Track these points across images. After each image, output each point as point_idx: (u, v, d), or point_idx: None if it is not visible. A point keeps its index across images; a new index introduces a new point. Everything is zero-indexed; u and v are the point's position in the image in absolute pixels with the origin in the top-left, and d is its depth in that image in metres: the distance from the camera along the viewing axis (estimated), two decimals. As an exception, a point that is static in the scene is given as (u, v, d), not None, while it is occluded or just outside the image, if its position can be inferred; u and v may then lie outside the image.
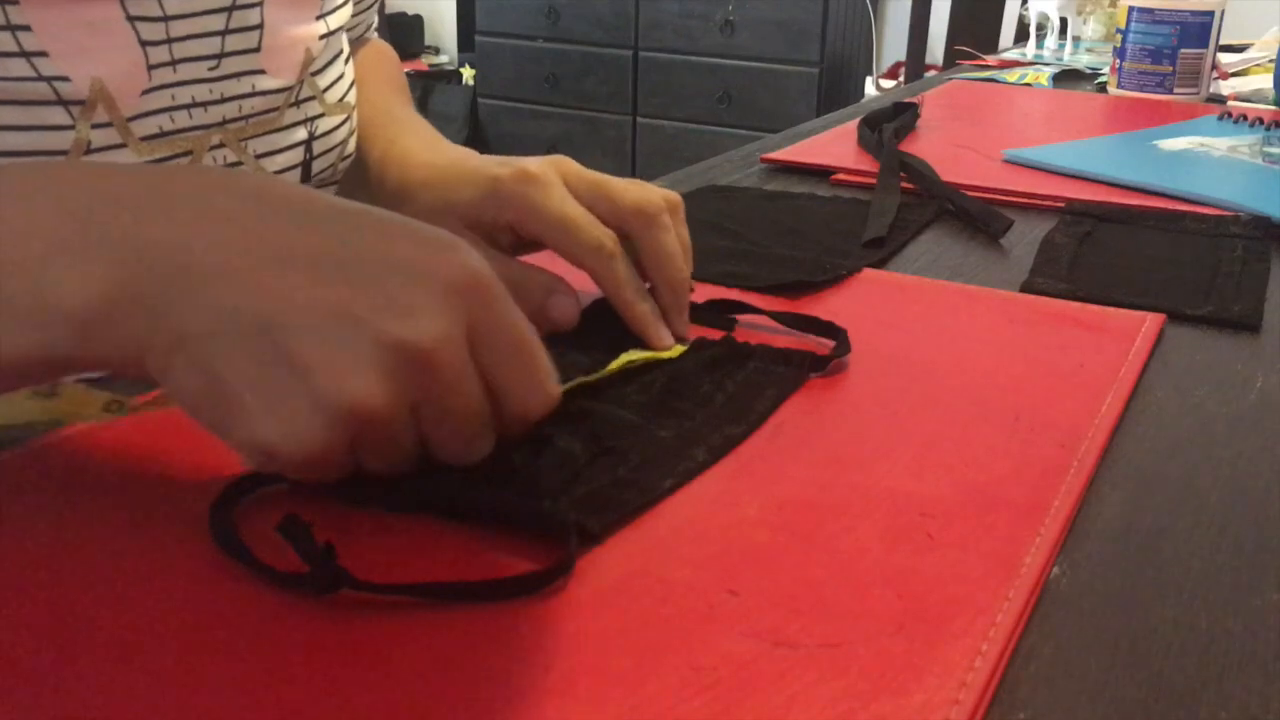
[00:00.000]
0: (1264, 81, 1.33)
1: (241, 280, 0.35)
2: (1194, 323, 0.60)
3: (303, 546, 0.34)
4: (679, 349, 0.51)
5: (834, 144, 0.97)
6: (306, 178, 0.64)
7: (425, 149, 0.62)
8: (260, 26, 0.59)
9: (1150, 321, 0.58)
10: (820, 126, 1.05)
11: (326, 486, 0.39)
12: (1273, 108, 1.22)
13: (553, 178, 0.52)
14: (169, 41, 0.54)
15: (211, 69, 0.57)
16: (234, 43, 0.57)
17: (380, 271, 0.36)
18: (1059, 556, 0.38)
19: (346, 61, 0.68)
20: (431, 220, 0.49)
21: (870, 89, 3.13)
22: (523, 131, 3.61)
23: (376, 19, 0.85)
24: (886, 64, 3.30)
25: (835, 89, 3.16)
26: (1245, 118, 1.07)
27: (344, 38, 0.68)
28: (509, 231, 0.53)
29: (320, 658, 0.32)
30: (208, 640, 0.32)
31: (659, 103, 3.35)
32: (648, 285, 0.53)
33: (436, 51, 4.13)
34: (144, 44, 0.53)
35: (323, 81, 0.64)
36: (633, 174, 3.37)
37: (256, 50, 0.59)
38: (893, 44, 3.29)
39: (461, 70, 3.85)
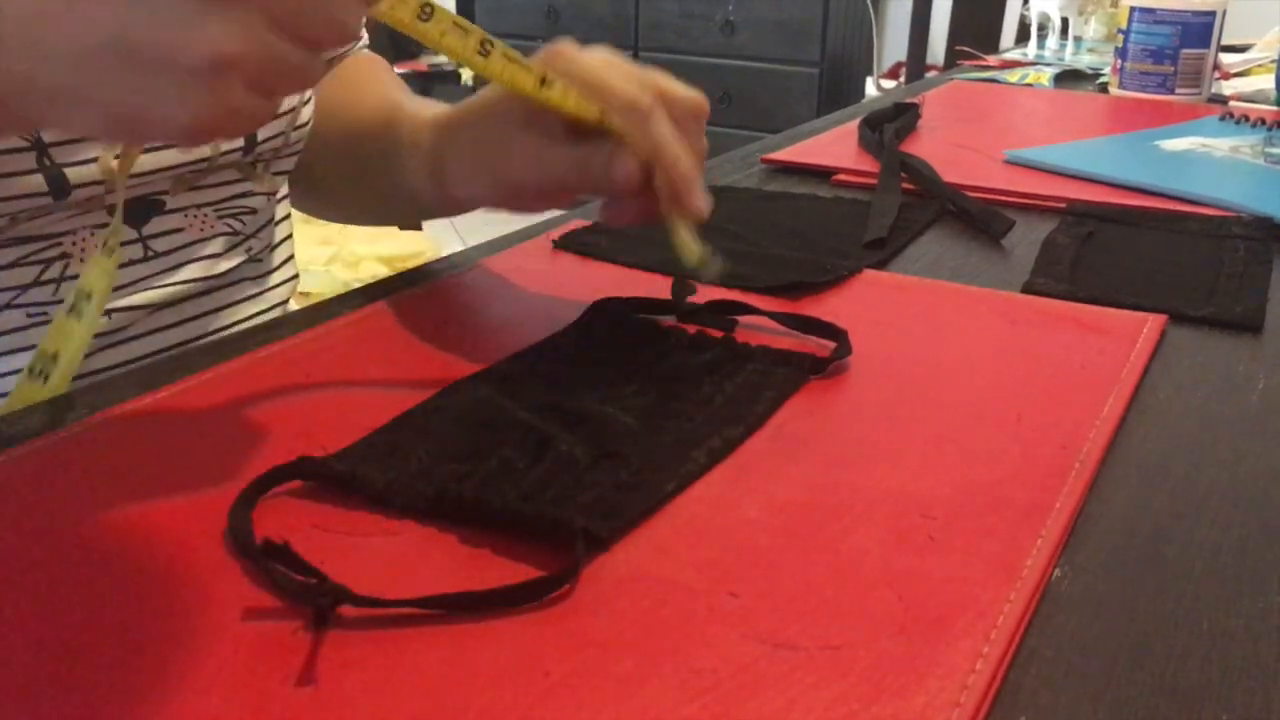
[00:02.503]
0: (1266, 82, 1.33)
1: (68, 17, 0.37)
2: (1196, 323, 0.60)
3: (294, 567, 0.34)
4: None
5: (835, 144, 0.97)
6: (251, 144, 0.65)
7: (433, 107, 0.63)
8: None
9: (1152, 322, 0.58)
10: (821, 127, 1.05)
11: (337, 484, 0.39)
12: (1274, 108, 1.22)
13: (571, 47, 0.52)
14: None
15: None
16: None
17: None
18: (1061, 558, 0.38)
19: None
20: (493, 134, 0.56)
21: (871, 89, 3.13)
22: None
23: (365, 34, 0.85)
24: (887, 64, 3.30)
25: (836, 89, 3.16)
26: (1247, 118, 1.07)
27: None
28: (555, 105, 0.52)
29: (322, 661, 0.32)
30: (212, 645, 0.32)
31: (660, 103, 3.35)
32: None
33: (436, 52, 4.12)
34: None
35: None
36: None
37: None
38: (893, 44, 3.29)
39: (460, 71, 3.85)
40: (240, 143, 0.64)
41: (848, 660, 0.32)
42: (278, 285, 0.73)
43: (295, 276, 0.76)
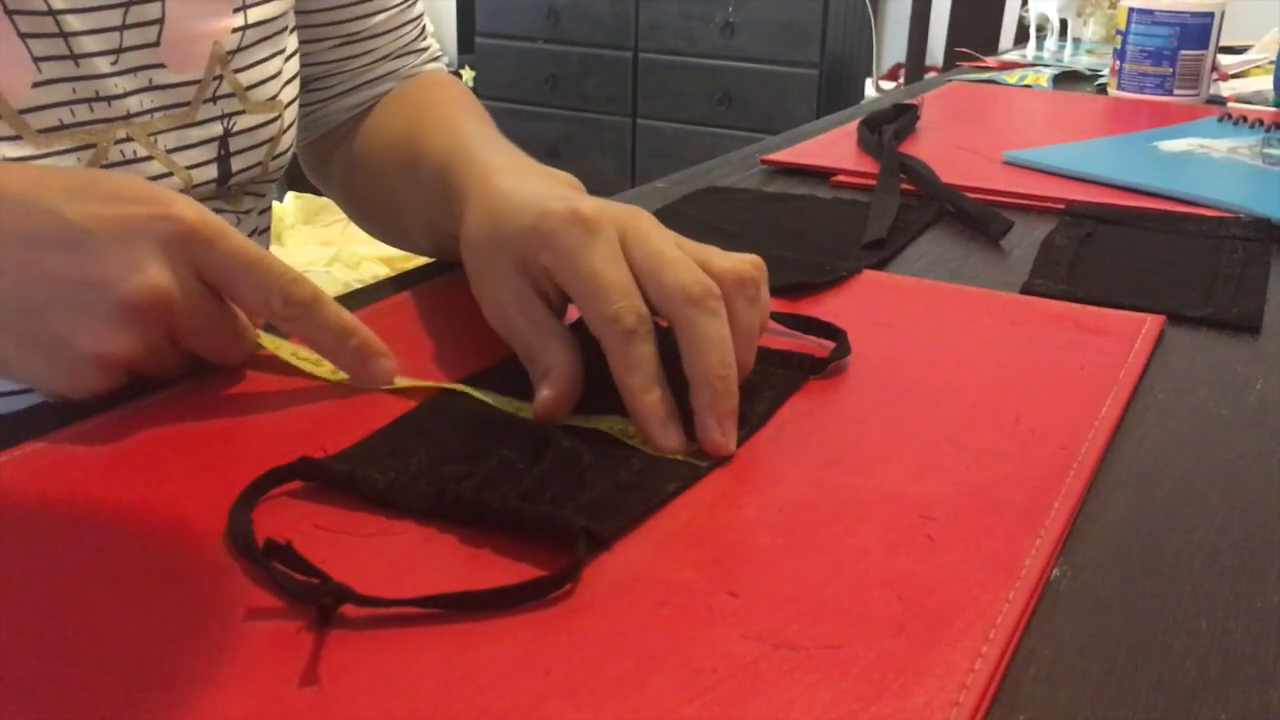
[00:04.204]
0: (1264, 83, 1.33)
1: (3, 266, 0.43)
2: (1194, 324, 0.60)
3: (295, 567, 0.34)
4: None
5: (834, 145, 0.97)
6: (226, 175, 0.63)
7: (495, 172, 0.54)
8: (160, 21, 0.58)
9: (1150, 323, 0.58)
10: (820, 128, 1.05)
11: (338, 485, 0.39)
12: (1273, 109, 1.22)
13: (606, 227, 0.45)
14: (63, 35, 0.54)
15: (113, 64, 0.56)
16: (132, 37, 0.57)
17: (111, 237, 0.44)
18: (1059, 558, 0.38)
19: (288, 59, 0.67)
20: (481, 256, 0.50)
21: (870, 90, 3.13)
22: (523, 133, 3.61)
23: (432, 42, 0.80)
24: (886, 65, 3.30)
25: (835, 90, 3.16)
26: (1245, 119, 1.07)
27: (288, 37, 0.67)
28: (547, 277, 0.46)
29: (324, 661, 0.32)
30: (215, 645, 0.32)
31: (659, 104, 3.35)
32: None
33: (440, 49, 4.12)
34: (23, 36, 0.53)
35: (247, 78, 0.63)
36: (632, 176, 3.38)
37: (155, 44, 0.58)
38: (892, 45, 3.29)
39: (461, 71, 3.84)
40: (214, 174, 0.62)
41: (847, 660, 0.32)
42: None
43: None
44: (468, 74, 3.78)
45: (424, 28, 0.80)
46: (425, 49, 0.80)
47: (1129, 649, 0.34)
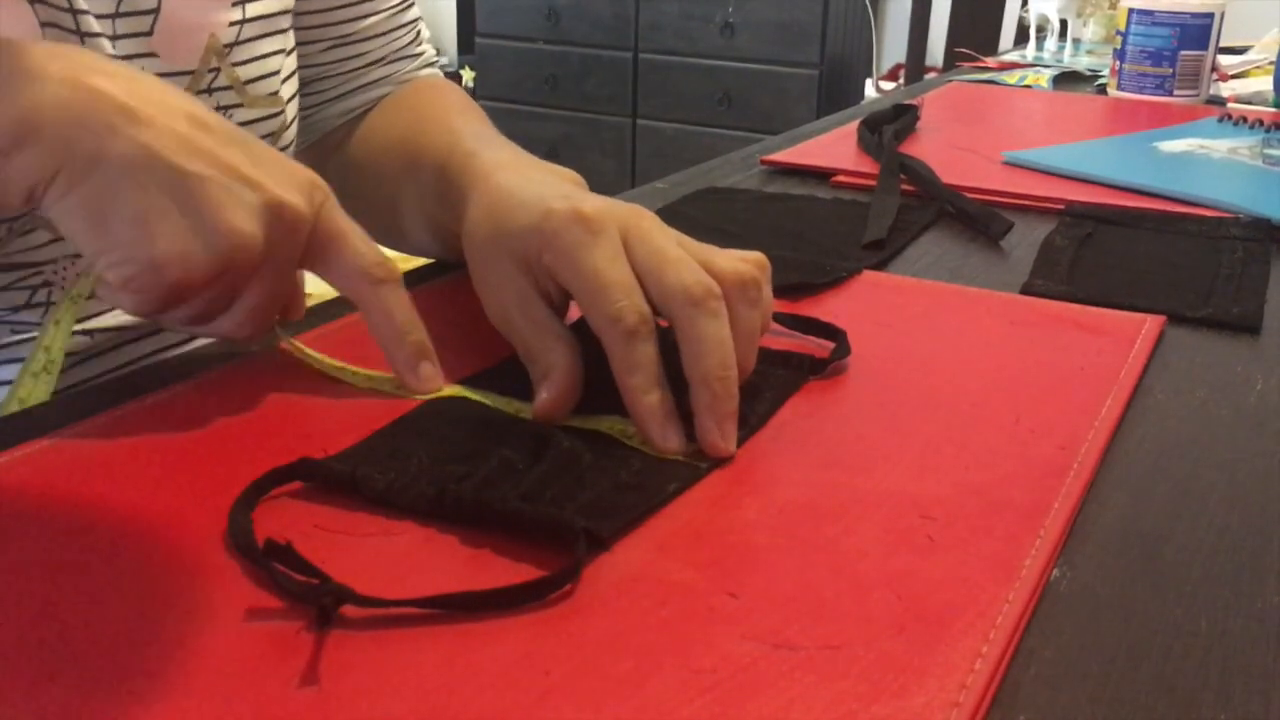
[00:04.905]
0: (1264, 84, 1.33)
1: (159, 126, 0.43)
2: (1194, 325, 0.60)
3: (295, 567, 0.34)
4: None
5: (834, 146, 0.97)
6: None
7: (497, 168, 0.54)
8: (155, 11, 0.58)
9: (1150, 323, 0.58)
10: (820, 128, 1.05)
11: (338, 485, 0.39)
12: (1273, 110, 1.22)
13: (608, 226, 0.45)
14: (72, 12, 0.54)
15: (112, 50, 0.57)
16: (125, 25, 0.57)
17: (268, 155, 0.46)
18: (1059, 558, 0.38)
19: (288, 54, 0.67)
20: (483, 254, 0.50)
21: (870, 91, 3.13)
22: (522, 133, 3.61)
23: (428, 48, 0.80)
24: (886, 66, 3.30)
25: (835, 91, 3.16)
26: (1245, 120, 1.07)
27: (291, 35, 0.67)
28: (549, 277, 0.46)
29: (324, 661, 0.32)
30: (215, 646, 0.32)
31: (659, 104, 3.35)
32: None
33: (436, 53, 4.12)
34: (44, 25, 0.53)
35: (246, 73, 0.63)
36: (632, 176, 3.38)
37: (149, 34, 0.58)
38: (892, 46, 3.29)
39: (461, 72, 3.85)
40: None
41: (847, 660, 0.32)
42: None
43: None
44: (468, 74, 3.78)
45: (419, 33, 0.80)
46: (420, 54, 0.80)
47: (1129, 649, 0.34)
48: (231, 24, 0.62)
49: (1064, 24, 1.57)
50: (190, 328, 0.48)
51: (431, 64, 0.81)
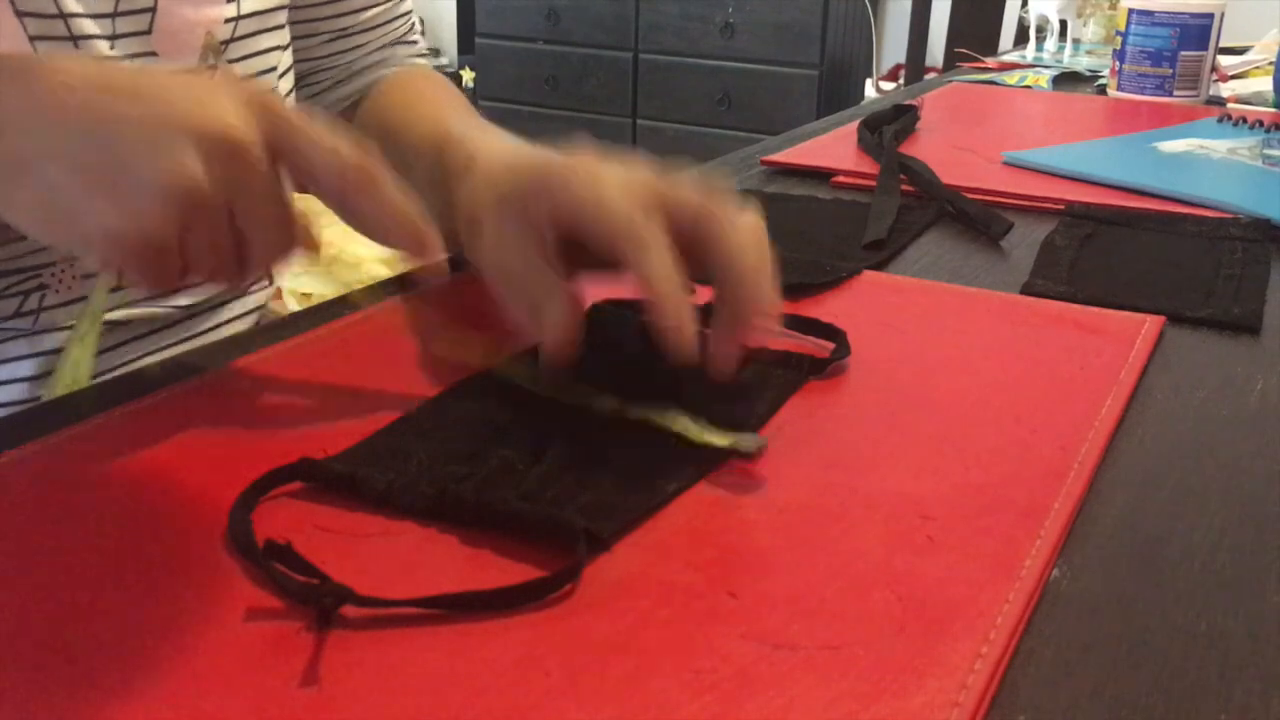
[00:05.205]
0: (1264, 84, 1.33)
1: (74, 105, 0.42)
2: (1194, 325, 0.60)
3: (295, 567, 0.34)
4: (722, 438, 0.43)
5: (834, 146, 0.97)
6: None
7: (485, 148, 0.56)
8: (152, 9, 0.58)
9: (1150, 324, 0.58)
10: (820, 129, 1.05)
11: (338, 485, 0.39)
12: (1272, 110, 1.22)
13: (604, 166, 0.48)
14: (63, 16, 0.54)
15: (111, 50, 0.57)
16: (124, 25, 0.57)
17: (192, 87, 0.43)
18: (1059, 558, 0.38)
19: (285, 50, 0.67)
20: (479, 221, 0.50)
21: (870, 91, 3.13)
22: (522, 134, 3.56)
23: (420, 40, 0.81)
24: (886, 66, 3.30)
25: (835, 91, 3.16)
26: (1245, 120, 1.07)
27: (287, 31, 0.67)
28: (551, 226, 0.47)
29: (324, 662, 0.32)
30: (215, 646, 0.32)
31: (659, 105, 3.35)
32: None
33: (436, 53, 4.13)
34: (20, 15, 0.53)
35: (243, 69, 0.63)
36: (633, 176, 3.37)
37: (148, 33, 0.58)
38: (892, 46, 3.29)
39: (461, 72, 3.85)
40: None
41: (847, 660, 0.32)
42: (255, 292, 0.73)
43: (271, 282, 0.75)
44: (468, 75, 3.78)
45: (413, 23, 0.81)
46: (415, 42, 0.81)
47: (1129, 649, 0.34)
48: (227, 20, 0.62)
49: (1064, 24, 1.57)
50: (228, 282, 0.46)
51: (423, 55, 0.82)
